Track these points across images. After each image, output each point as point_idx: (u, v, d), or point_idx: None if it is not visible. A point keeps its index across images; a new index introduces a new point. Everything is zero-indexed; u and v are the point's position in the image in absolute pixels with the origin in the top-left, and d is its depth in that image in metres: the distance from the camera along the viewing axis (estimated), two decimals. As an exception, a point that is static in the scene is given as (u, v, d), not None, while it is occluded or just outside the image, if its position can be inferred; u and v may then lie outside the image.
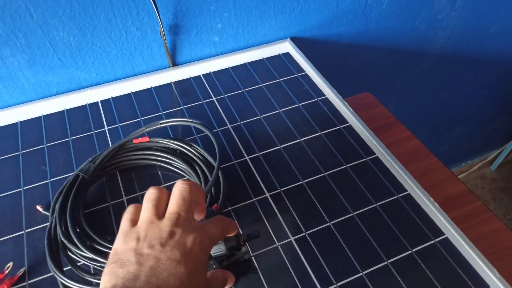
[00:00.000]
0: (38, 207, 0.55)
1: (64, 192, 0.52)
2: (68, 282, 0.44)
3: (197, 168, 0.58)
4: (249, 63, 0.81)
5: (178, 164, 0.59)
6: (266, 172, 0.60)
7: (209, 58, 0.81)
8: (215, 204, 0.53)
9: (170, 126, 0.67)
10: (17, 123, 0.69)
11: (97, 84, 0.76)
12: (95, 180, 0.58)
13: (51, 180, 0.60)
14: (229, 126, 0.68)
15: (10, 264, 0.48)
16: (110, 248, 0.47)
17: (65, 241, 0.46)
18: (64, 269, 0.47)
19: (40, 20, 0.64)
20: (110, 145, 0.64)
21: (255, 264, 0.50)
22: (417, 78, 1.23)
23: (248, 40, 0.83)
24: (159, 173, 0.60)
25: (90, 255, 0.45)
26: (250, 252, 0.50)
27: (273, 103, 0.72)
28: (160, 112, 0.70)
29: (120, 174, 0.61)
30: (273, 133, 0.66)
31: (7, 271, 0.47)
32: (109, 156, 0.58)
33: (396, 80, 1.19)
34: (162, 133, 0.65)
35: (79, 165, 0.61)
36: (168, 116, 0.69)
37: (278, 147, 0.64)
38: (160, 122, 0.61)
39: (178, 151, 0.61)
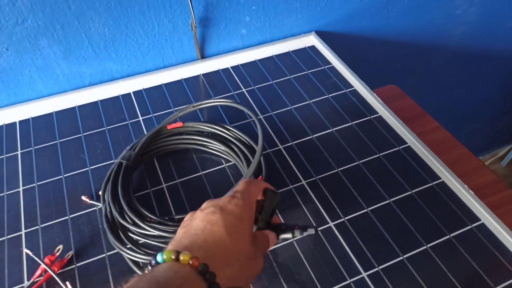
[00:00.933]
0: (83, 197, 0.56)
1: (111, 179, 0.52)
2: (136, 257, 0.46)
3: (234, 148, 0.59)
4: (276, 55, 0.82)
5: (215, 146, 0.61)
6: (300, 161, 0.62)
7: (236, 51, 0.82)
8: (260, 176, 0.54)
9: (202, 109, 0.68)
10: (52, 113, 0.70)
11: (128, 76, 0.77)
12: (136, 167, 0.59)
13: (90, 168, 0.61)
14: (260, 116, 0.69)
15: (60, 247, 0.49)
16: (168, 225, 0.48)
17: (124, 223, 0.47)
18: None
19: (77, 11, 0.65)
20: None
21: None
22: (432, 73, 1.24)
23: (274, 33, 0.84)
24: (194, 156, 0.62)
25: (155, 232, 0.46)
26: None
27: (302, 94, 0.73)
28: (192, 102, 0.71)
29: (157, 160, 0.62)
30: (305, 123, 0.68)
31: (57, 254, 0.49)
32: (147, 143, 0.59)
33: (411, 75, 1.20)
34: (195, 119, 0.66)
35: (117, 153, 0.63)
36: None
37: (311, 136, 0.65)
38: (193, 105, 0.62)
39: (210, 134, 0.62)
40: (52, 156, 0.63)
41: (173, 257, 0.32)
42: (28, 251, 0.47)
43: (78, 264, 0.50)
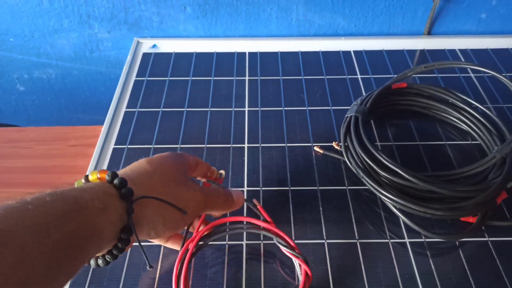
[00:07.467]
0: (316, 148, 0.57)
1: (353, 130, 0.52)
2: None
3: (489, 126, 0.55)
4: (512, 49, 0.74)
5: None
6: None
7: (467, 35, 0.76)
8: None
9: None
10: (277, 52, 0.74)
11: (351, 35, 0.77)
12: (367, 122, 0.58)
13: (308, 108, 0.63)
14: (489, 105, 0.63)
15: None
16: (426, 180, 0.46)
17: (379, 170, 0.48)
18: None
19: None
20: (363, 93, 0.65)
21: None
22: None
23: (516, 25, 0.76)
24: (411, 122, 0.59)
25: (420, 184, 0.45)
26: None
27: (543, 95, 0.64)
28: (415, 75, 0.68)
29: (379, 119, 0.61)
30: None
31: (279, 172, 0.51)
32: (376, 100, 0.58)
33: None
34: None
35: (335, 102, 0.64)
36: (424, 80, 0.67)
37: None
38: (425, 66, 0.59)
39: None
40: (275, 89, 0.67)
41: (83, 181, 0.31)
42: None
43: (291, 188, 0.52)
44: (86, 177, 0.32)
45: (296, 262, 0.42)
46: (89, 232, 0.27)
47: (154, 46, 0.75)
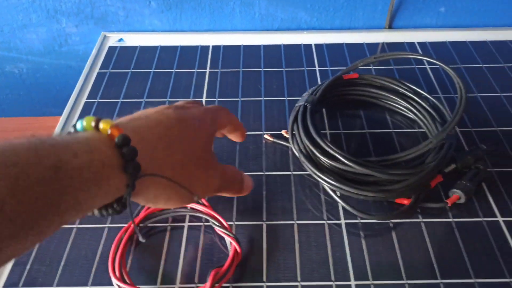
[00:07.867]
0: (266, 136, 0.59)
1: (300, 119, 0.54)
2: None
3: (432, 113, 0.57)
4: (470, 42, 0.75)
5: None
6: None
7: (427, 28, 0.78)
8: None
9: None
10: (240, 46, 0.76)
11: (313, 29, 0.79)
12: (316, 111, 0.60)
13: (264, 98, 0.65)
14: (440, 95, 0.65)
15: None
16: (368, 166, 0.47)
17: (323, 157, 0.49)
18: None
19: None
20: (319, 83, 0.67)
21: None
22: None
23: (474, 19, 0.77)
24: (361, 112, 0.61)
25: (359, 168, 0.47)
26: None
27: (493, 85, 0.66)
28: (371, 66, 0.70)
29: (331, 108, 0.63)
30: (491, 114, 0.61)
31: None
32: (326, 90, 0.60)
33: None
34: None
35: (290, 93, 0.65)
36: (380, 71, 0.69)
37: (494, 128, 0.59)
38: (374, 56, 0.61)
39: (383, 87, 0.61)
40: (234, 81, 0.68)
41: (92, 124, 0.25)
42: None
43: (238, 174, 0.54)
44: (98, 121, 0.25)
45: (227, 240, 0.44)
46: (65, 205, 0.22)
47: (120, 40, 0.77)
